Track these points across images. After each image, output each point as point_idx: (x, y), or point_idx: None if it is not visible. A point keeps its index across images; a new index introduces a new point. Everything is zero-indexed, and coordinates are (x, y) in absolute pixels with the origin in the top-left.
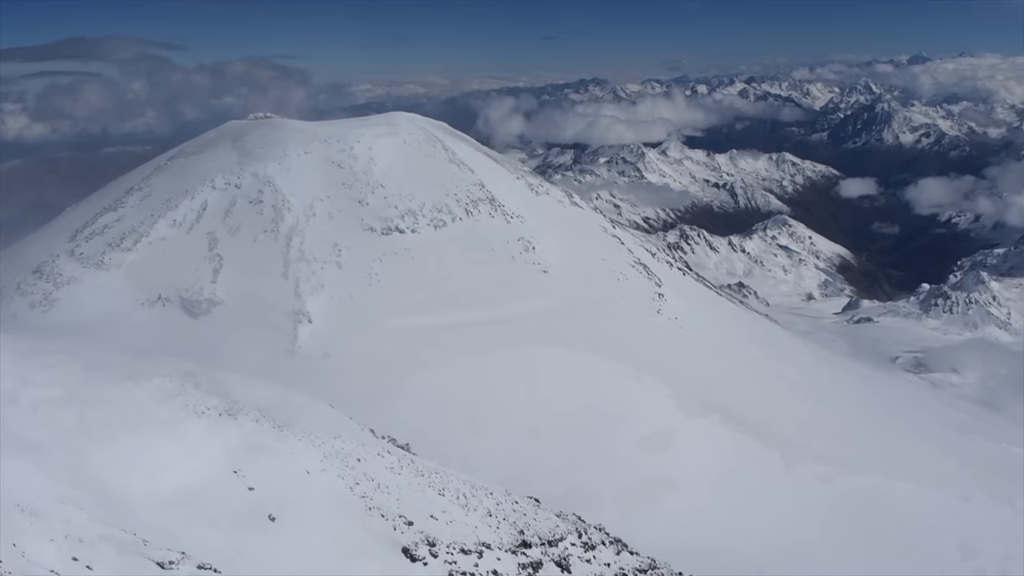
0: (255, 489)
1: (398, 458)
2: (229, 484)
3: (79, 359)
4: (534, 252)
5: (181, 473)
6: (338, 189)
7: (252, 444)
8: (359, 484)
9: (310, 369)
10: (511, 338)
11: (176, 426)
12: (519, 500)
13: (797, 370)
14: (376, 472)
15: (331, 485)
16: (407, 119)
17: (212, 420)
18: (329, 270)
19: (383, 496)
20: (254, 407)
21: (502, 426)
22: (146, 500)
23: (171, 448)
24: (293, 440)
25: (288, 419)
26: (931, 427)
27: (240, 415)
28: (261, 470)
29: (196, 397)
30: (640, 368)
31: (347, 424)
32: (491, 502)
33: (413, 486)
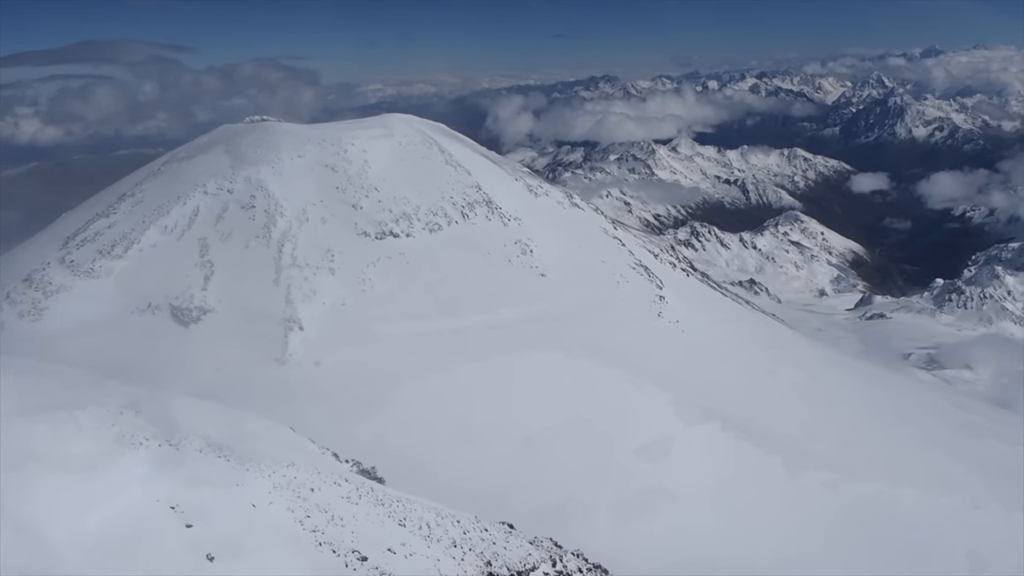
0: (193, 526)
1: (356, 486)
2: (164, 521)
3: (17, 385)
4: (532, 255)
5: (110, 511)
6: (332, 193)
7: (193, 477)
8: (310, 517)
9: (301, 378)
10: (506, 344)
11: (108, 459)
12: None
13: (802, 372)
14: (331, 503)
15: (279, 519)
16: (403, 120)
17: (150, 452)
18: (322, 276)
19: (336, 529)
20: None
21: (495, 436)
22: (69, 541)
23: (100, 484)
24: (240, 471)
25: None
26: (940, 430)
27: (183, 445)
28: (201, 505)
29: (134, 426)
30: (639, 374)
31: (305, 449)
32: (457, 531)
33: (371, 517)
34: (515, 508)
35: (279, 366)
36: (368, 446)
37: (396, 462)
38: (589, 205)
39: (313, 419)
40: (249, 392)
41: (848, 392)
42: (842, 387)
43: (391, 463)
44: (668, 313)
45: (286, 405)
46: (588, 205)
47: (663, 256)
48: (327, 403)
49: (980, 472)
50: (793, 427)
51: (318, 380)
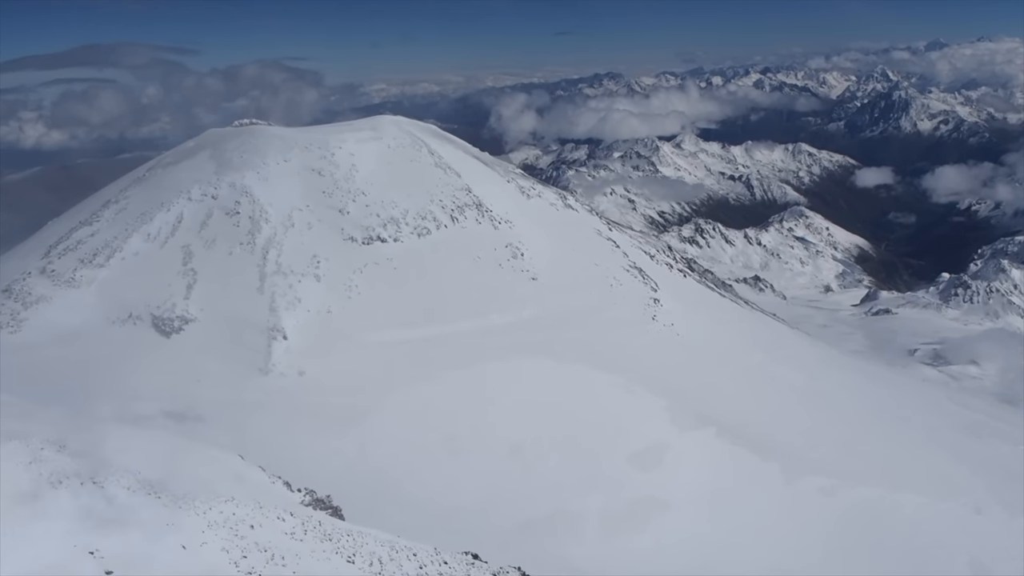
0: (113, 573)
1: (303, 520)
2: (81, 567)
3: None
4: (522, 259)
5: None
6: (318, 198)
7: (117, 518)
8: (247, 557)
9: (284, 389)
10: (496, 350)
11: (22, 500)
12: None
13: (802, 374)
14: (272, 540)
15: (211, 560)
16: (392, 123)
17: (70, 491)
18: (307, 283)
19: (276, 569)
20: (132, 472)
21: (481, 445)
22: None
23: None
24: (172, 509)
25: (174, 483)
26: (943, 431)
27: (110, 483)
28: (124, 550)
29: (56, 463)
30: (632, 379)
31: (252, 481)
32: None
33: (317, 554)
34: (500, 521)
35: (262, 377)
36: (350, 460)
37: (377, 477)
38: (584, 206)
39: (294, 432)
40: (229, 405)
41: (849, 393)
42: (842, 388)
43: (372, 478)
44: (663, 316)
45: (267, 418)
46: (583, 206)
47: (659, 257)
48: (310, 415)
49: (983, 475)
50: (791, 432)
51: (302, 391)
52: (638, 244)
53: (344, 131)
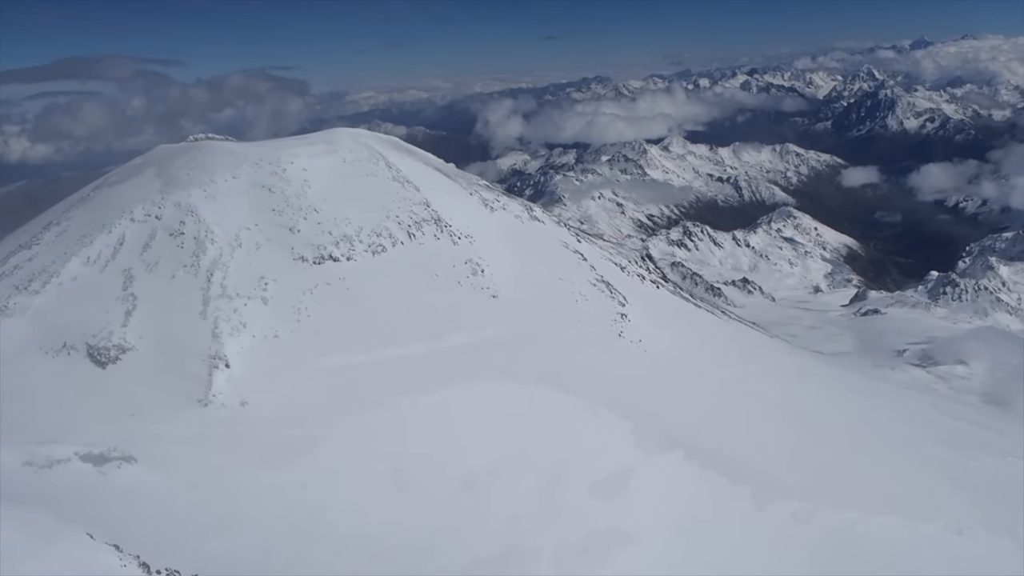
0: None
1: None
2: None
3: None
4: (483, 275)
5: None
6: (267, 216)
7: None
8: None
9: (224, 420)
10: (453, 373)
11: None
12: None
13: (778, 388)
14: None
15: None
16: (349, 135)
17: None
18: (253, 306)
19: None
20: None
21: (434, 477)
22: None
23: None
24: None
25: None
26: (925, 445)
27: None
28: None
29: None
30: (596, 400)
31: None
32: None
33: None
34: (447, 561)
35: (200, 408)
36: (289, 497)
37: (315, 516)
38: (551, 217)
39: (231, 468)
40: (163, 440)
41: (826, 406)
42: (820, 401)
43: (309, 517)
44: (630, 332)
45: (203, 453)
46: (550, 217)
47: (631, 268)
48: (250, 448)
49: (967, 491)
50: (764, 452)
51: (243, 422)
52: (609, 255)
53: (298, 145)
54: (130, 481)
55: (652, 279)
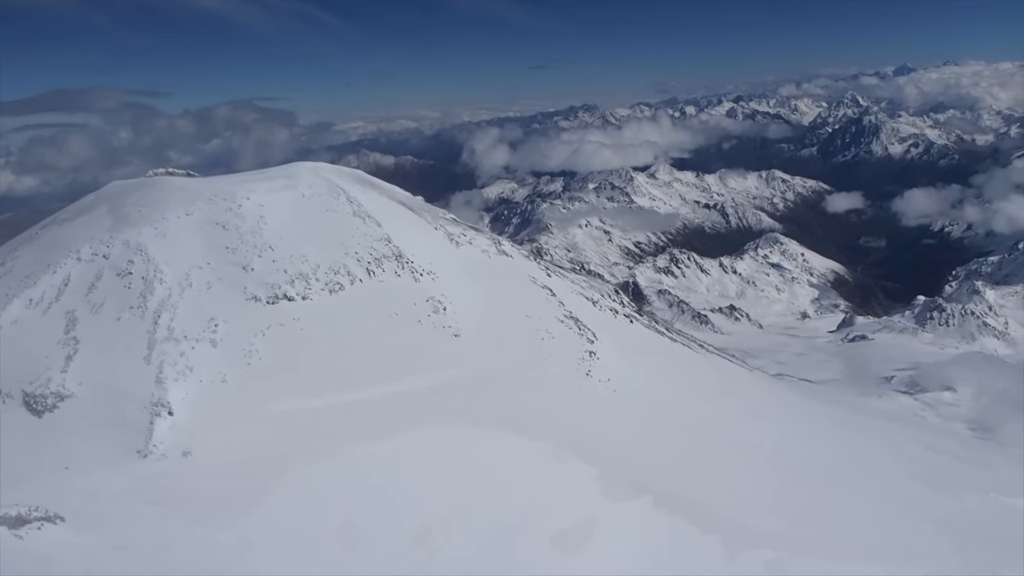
0: None
1: None
2: None
3: None
4: (445, 313)
5: None
6: (220, 254)
7: None
8: None
9: (164, 473)
10: (409, 418)
11: None
12: None
13: (754, 427)
14: None
15: None
16: (310, 170)
17: None
18: (201, 349)
19: None
20: None
21: (384, 532)
22: None
23: None
24: None
25: None
26: (906, 484)
27: None
28: None
29: None
30: (561, 445)
31: None
32: None
33: None
34: None
35: (139, 460)
36: (225, 558)
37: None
38: (521, 251)
39: (166, 525)
40: (96, 495)
41: (803, 446)
42: (797, 440)
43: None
44: (598, 371)
45: (137, 509)
46: (520, 251)
47: (604, 302)
48: (189, 503)
49: (948, 534)
50: (737, 496)
51: (184, 474)
52: (581, 289)
53: (255, 180)
54: (50, 544)
55: (626, 313)
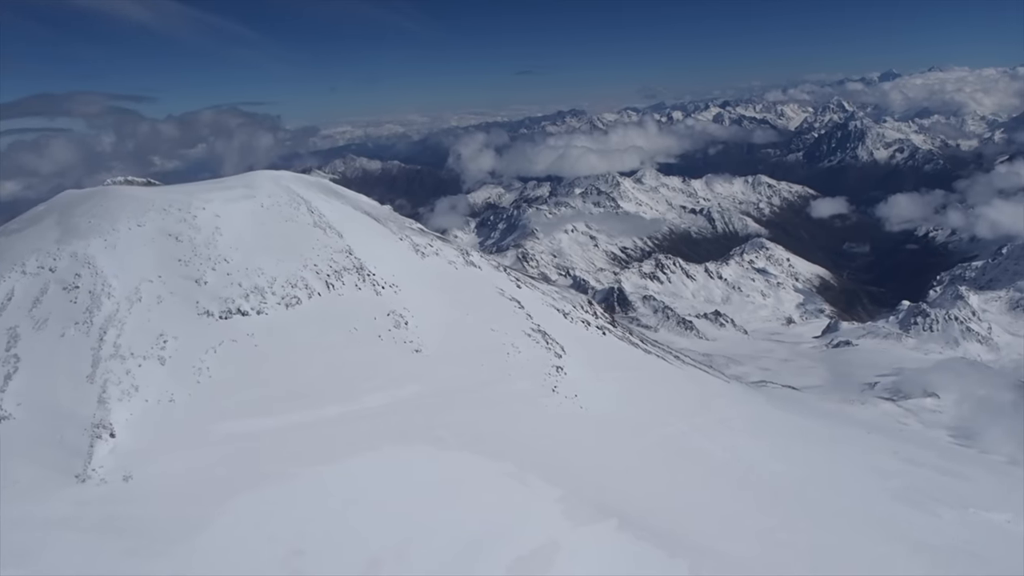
0: None
1: None
2: None
3: None
4: (406, 328)
5: None
6: (172, 267)
7: None
8: None
9: (101, 499)
10: (366, 438)
11: None
12: None
13: (726, 443)
14: None
15: None
16: (270, 179)
17: None
18: (149, 367)
19: None
20: None
21: (335, 560)
22: None
23: None
24: None
25: None
26: (882, 501)
27: None
28: None
29: None
30: (523, 465)
31: None
32: None
33: None
34: None
35: (77, 485)
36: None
37: None
38: (490, 262)
39: (99, 556)
40: (29, 524)
41: (777, 463)
42: (771, 456)
43: None
44: (565, 386)
45: (70, 539)
46: (489, 262)
47: (575, 314)
48: (126, 532)
49: (924, 554)
50: (706, 517)
51: (123, 500)
52: (552, 301)
53: (212, 190)
54: None
55: (599, 324)
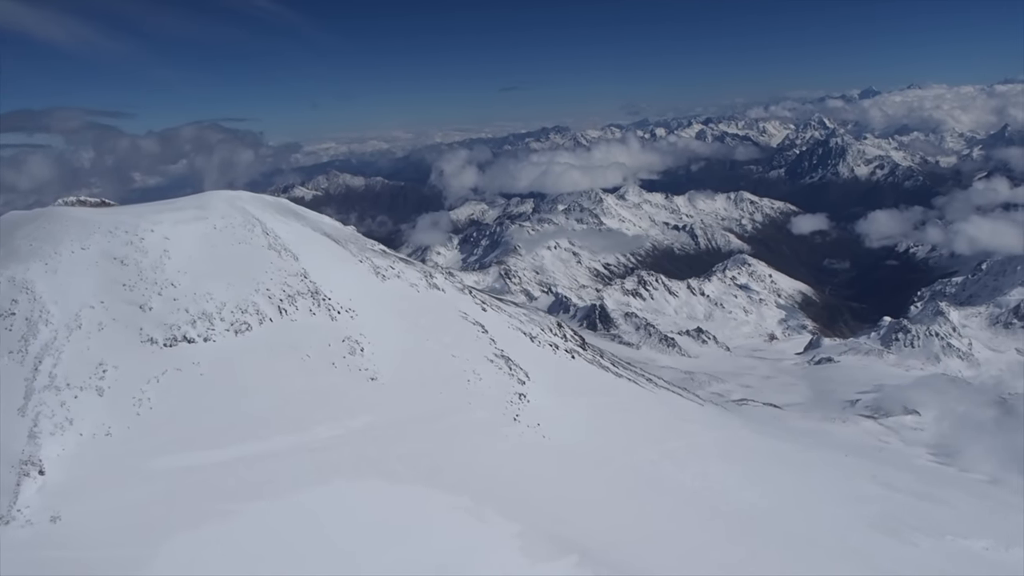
0: None
1: None
2: None
3: None
4: (362, 355)
5: None
6: (116, 292)
7: None
8: None
9: (26, 542)
10: (315, 472)
11: None
12: None
13: (696, 470)
14: None
15: None
16: (224, 199)
17: None
18: (85, 399)
19: None
20: None
21: None
22: None
23: None
24: None
25: None
26: (857, 529)
27: None
28: None
29: None
30: (481, 500)
31: None
32: None
33: None
34: None
35: (0, 528)
36: None
37: None
38: (455, 284)
39: None
40: None
41: (749, 490)
42: (742, 484)
43: None
44: (528, 415)
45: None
46: (454, 284)
47: (543, 337)
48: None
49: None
50: (670, 553)
51: (50, 543)
52: (519, 324)
53: (164, 211)
54: None
55: (567, 348)
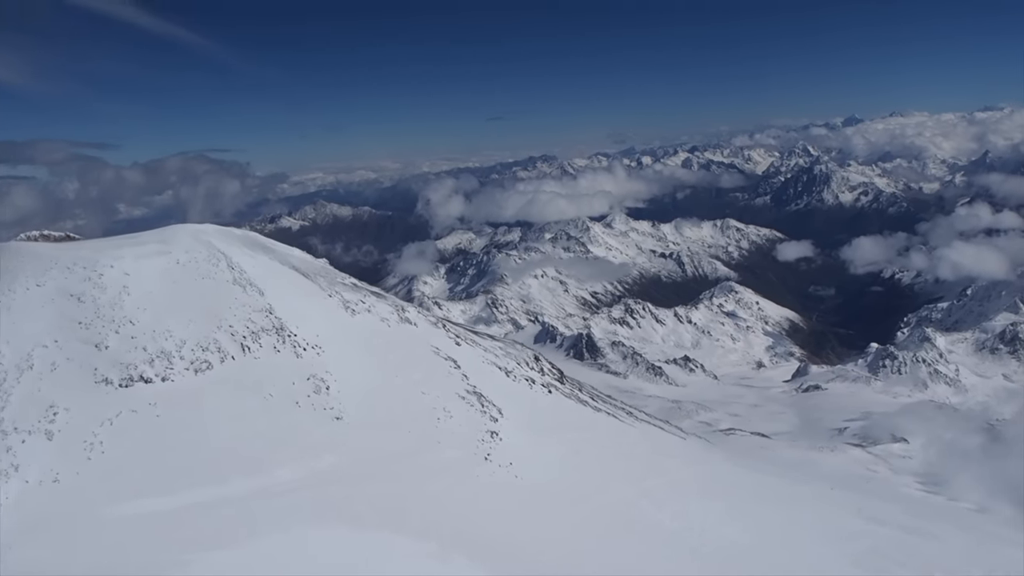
0: None
1: None
2: None
3: None
4: (327, 393)
5: None
6: (71, 331)
7: None
8: None
9: None
10: (274, 519)
11: None
12: None
13: (674, 510)
14: None
15: None
16: (189, 233)
17: None
18: (34, 443)
19: None
20: None
21: None
22: None
23: None
24: None
25: None
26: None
27: None
28: None
29: None
30: (448, 544)
31: None
32: None
33: None
34: None
35: None
36: None
37: None
38: (428, 318)
39: None
40: None
41: (730, 528)
42: (724, 521)
43: None
44: (499, 454)
45: None
46: (427, 318)
47: (519, 371)
48: None
49: None
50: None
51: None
52: (494, 358)
53: (125, 245)
54: None
55: (544, 382)
